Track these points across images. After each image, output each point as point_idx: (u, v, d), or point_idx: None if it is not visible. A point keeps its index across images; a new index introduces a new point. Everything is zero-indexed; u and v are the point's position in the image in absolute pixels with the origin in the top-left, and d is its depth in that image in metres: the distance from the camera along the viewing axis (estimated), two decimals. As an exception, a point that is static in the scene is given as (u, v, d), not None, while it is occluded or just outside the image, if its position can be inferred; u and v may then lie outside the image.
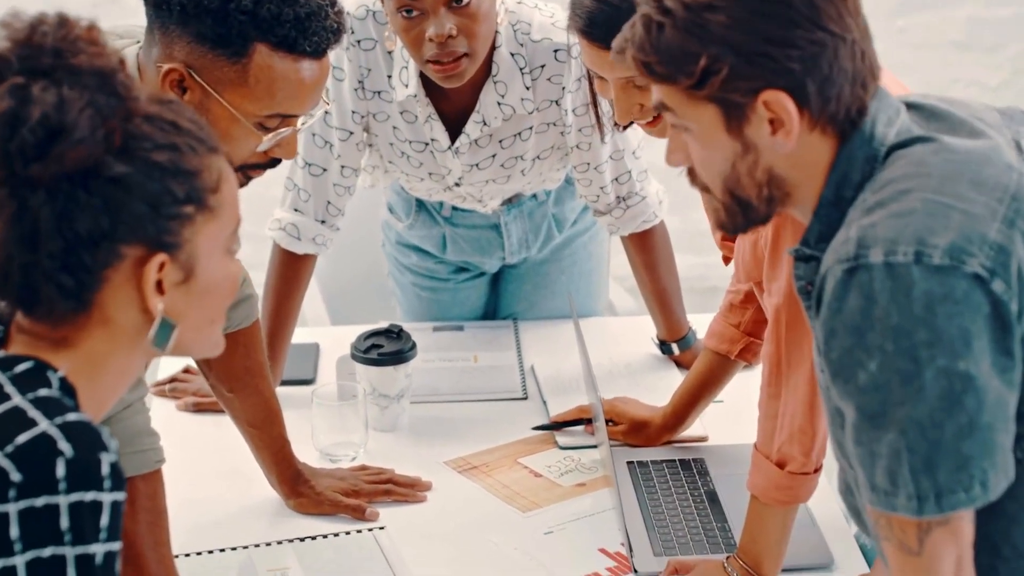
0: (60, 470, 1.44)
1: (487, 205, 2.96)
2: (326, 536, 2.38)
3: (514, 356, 2.98)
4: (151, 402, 2.73)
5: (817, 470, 2.16)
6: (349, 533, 2.39)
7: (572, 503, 2.49)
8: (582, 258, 3.12)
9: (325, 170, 2.78)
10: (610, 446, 2.47)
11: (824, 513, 2.39)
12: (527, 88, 2.71)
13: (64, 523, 1.44)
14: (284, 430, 2.45)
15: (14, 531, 1.43)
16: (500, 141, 2.79)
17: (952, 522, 1.60)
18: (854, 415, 1.61)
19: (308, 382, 2.86)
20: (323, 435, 2.60)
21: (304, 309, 2.97)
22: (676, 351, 2.94)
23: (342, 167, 2.78)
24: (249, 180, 2.05)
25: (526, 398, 2.83)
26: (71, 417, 1.47)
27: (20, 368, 1.52)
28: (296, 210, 2.80)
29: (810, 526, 2.36)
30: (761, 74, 1.63)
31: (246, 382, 2.39)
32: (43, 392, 1.50)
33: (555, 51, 2.69)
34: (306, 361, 2.94)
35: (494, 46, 2.67)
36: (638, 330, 3.04)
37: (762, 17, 1.62)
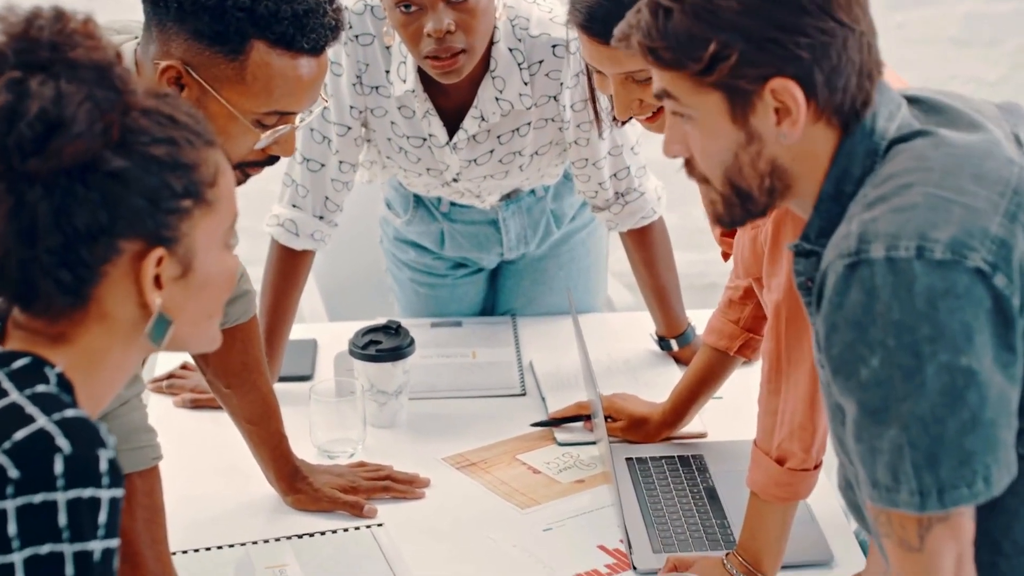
0: (58, 466, 1.43)
1: (485, 201, 2.95)
2: (324, 533, 2.38)
3: (512, 352, 2.97)
4: (148, 398, 2.73)
5: (817, 466, 2.16)
6: (347, 530, 2.39)
7: (571, 500, 2.48)
8: (580, 254, 3.11)
9: (323, 165, 2.77)
10: (609, 442, 2.46)
11: (824, 510, 2.38)
12: (525, 84, 2.71)
13: (62, 520, 1.43)
14: (282, 426, 2.45)
15: (12, 528, 1.43)
16: (498, 137, 2.78)
17: (953, 518, 1.60)
18: (855, 411, 1.61)
19: (306, 378, 2.86)
20: (321, 431, 2.59)
21: (302, 305, 2.96)
22: (675, 347, 2.93)
23: (340, 163, 2.77)
24: (247, 178, 2.05)
25: (524, 394, 2.83)
26: (69, 413, 1.47)
27: (17, 364, 1.52)
28: (294, 206, 2.79)
29: (810, 522, 2.35)
30: (770, 61, 1.63)
31: (244, 378, 2.39)
32: (41, 388, 1.50)
33: (553, 46, 2.69)
34: (304, 357, 2.93)
35: (492, 41, 2.66)
36: (637, 326, 3.04)
37: (773, 3, 1.62)
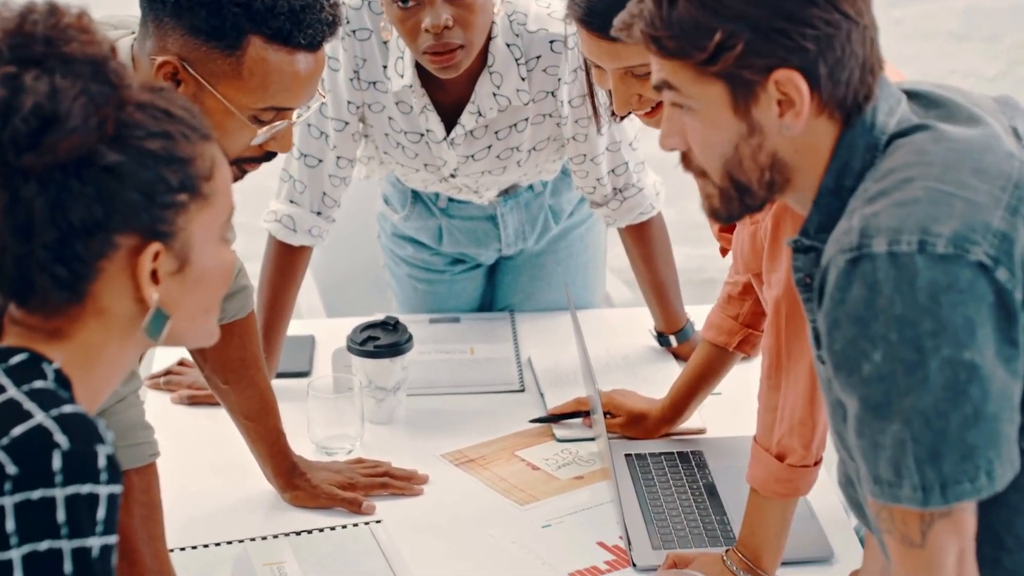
0: (56, 463, 1.43)
1: (483, 196, 2.95)
2: (322, 530, 2.37)
3: (511, 348, 2.97)
4: (145, 395, 2.72)
5: (817, 463, 2.15)
6: (345, 527, 2.38)
7: (570, 496, 2.48)
8: (579, 249, 3.11)
9: (321, 161, 2.76)
10: (608, 439, 2.46)
11: (824, 506, 2.38)
12: (523, 79, 2.70)
13: (61, 516, 1.43)
14: (280, 422, 2.44)
15: (10, 524, 1.42)
16: (496, 132, 2.77)
17: (955, 514, 1.59)
18: (857, 406, 1.60)
19: (304, 375, 2.85)
20: (319, 428, 2.59)
21: (299, 301, 2.96)
22: (674, 343, 2.93)
23: (338, 158, 2.77)
24: (244, 174, 2.05)
25: (523, 390, 2.82)
26: (67, 409, 1.46)
27: (15, 360, 1.51)
28: (292, 201, 2.79)
29: (810, 519, 2.35)
30: (775, 52, 1.62)
31: (241, 374, 2.38)
32: (38, 384, 1.49)
33: (551, 42, 2.68)
34: (302, 353, 2.92)
35: (490, 37, 2.66)
36: (635, 322, 3.03)
37: None
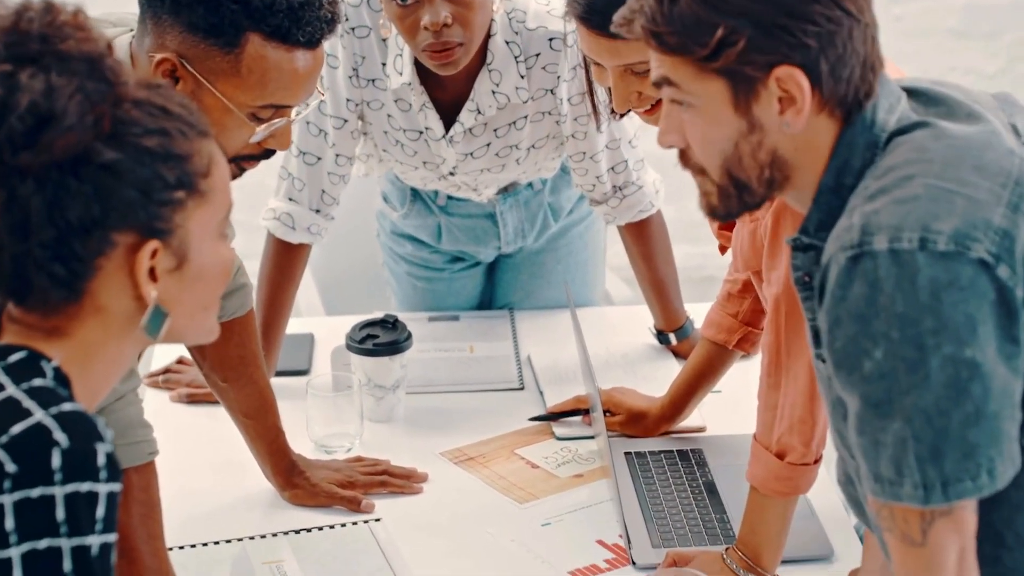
0: (56, 461, 1.43)
1: (482, 194, 2.94)
2: (321, 528, 2.37)
3: (510, 346, 2.96)
4: (144, 393, 2.72)
5: (817, 461, 2.15)
6: (345, 525, 2.38)
7: (569, 494, 2.47)
8: (578, 247, 3.10)
9: (320, 159, 2.76)
10: (608, 437, 2.46)
11: (824, 504, 2.37)
12: (522, 77, 2.70)
13: (60, 514, 1.43)
14: (279, 420, 2.44)
15: (9, 523, 1.42)
16: (495, 130, 2.77)
17: (956, 512, 1.59)
18: (858, 404, 1.60)
19: (303, 373, 2.85)
20: (318, 426, 2.58)
21: (298, 299, 2.95)
22: (674, 341, 2.92)
23: (336, 155, 2.76)
24: (243, 171, 2.05)
25: (523, 388, 2.82)
26: (66, 407, 1.46)
27: (13, 358, 1.51)
28: (290, 199, 2.78)
29: (810, 517, 2.34)
30: (777, 48, 1.61)
31: (240, 371, 2.38)
32: (37, 382, 1.49)
33: (550, 39, 2.68)
34: (301, 352, 2.92)
35: (489, 34, 2.65)
36: (635, 320, 3.03)
37: None
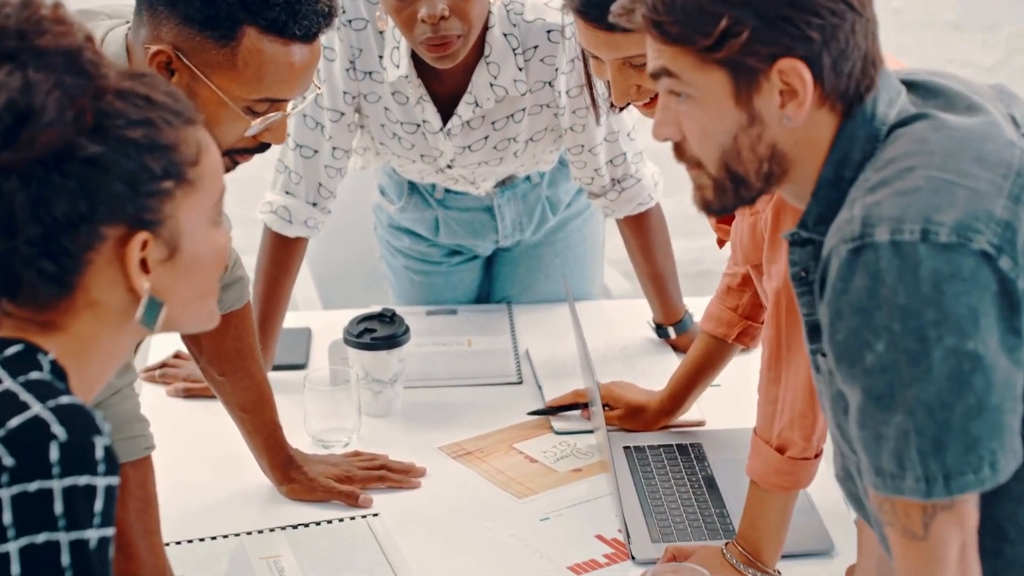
0: (54, 454, 1.42)
1: (480, 187, 2.94)
2: (319, 523, 2.37)
3: (508, 340, 2.96)
4: (141, 388, 2.71)
5: (818, 455, 2.15)
6: (342, 520, 2.37)
7: (568, 489, 2.47)
8: (576, 241, 3.10)
9: (316, 152, 2.75)
10: (607, 431, 2.45)
11: (824, 499, 2.37)
12: (520, 69, 2.69)
13: (58, 508, 1.42)
14: (276, 415, 2.43)
15: (7, 517, 1.41)
16: (492, 123, 2.76)
17: (957, 506, 1.58)
18: (860, 397, 1.59)
19: (300, 367, 2.84)
20: (315, 421, 2.58)
21: (295, 293, 2.95)
22: (672, 335, 2.92)
23: (333, 149, 2.75)
24: (237, 164, 2.04)
25: (521, 382, 2.81)
26: (64, 400, 1.45)
27: (10, 351, 1.50)
28: (287, 192, 2.77)
29: (810, 512, 2.34)
30: (781, 40, 1.61)
31: (237, 365, 2.37)
32: (34, 375, 1.48)
33: (548, 31, 2.67)
34: (298, 346, 2.91)
35: (487, 26, 2.64)
36: (634, 313, 3.02)
37: None
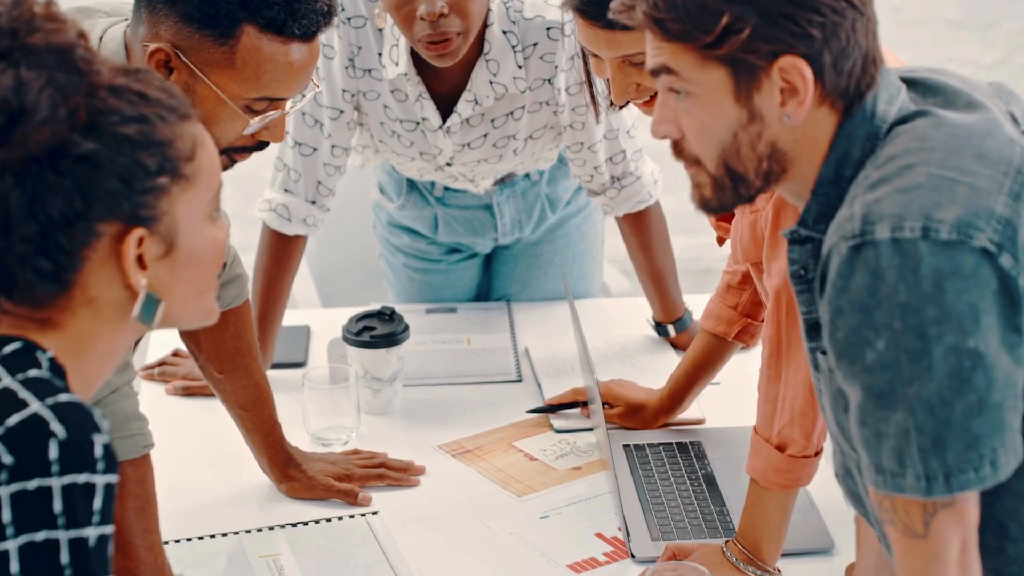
0: (53, 452, 1.42)
1: (479, 185, 2.93)
2: (318, 521, 2.36)
3: (508, 338, 2.95)
4: (139, 386, 2.71)
5: (818, 453, 2.14)
6: (341, 518, 2.37)
7: (568, 487, 2.47)
8: (576, 239, 3.10)
9: (315, 150, 2.74)
10: (606, 429, 2.44)
11: (824, 497, 2.36)
12: (519, 67, 2.68)
13: (57, 506, 1.42)
14: (275, 412, 2.42)
15: (6, 515, 1.41)
16: (492, 120, 2.76)
17: (958, 504, 1.58)
18: (860, 395, 1.59)
19: (299, 365, 2.84)
20: (314, 419, 2.57)
21: (294, 291, 2.94)
22: (672, 333, 2.91)
23: (332, 146, 2.75)
24: (235, 163, 2.04)
25: (520, 380, 2.81)
26: (63, 398, 1.45)
27: (9, 349, 1.50)
28: (286, 190, 2.77)
29: (810, 510, 2.34)
30: (782, 37, 1.60)
31: (236, 363, 2.36)
32: (33, 373, 1.48)
33: (548, 29, 2.67)
34: (297, 344, 2.91)
35: (486, 24, 2.64)
36: (633, 311, 3.02)
37: None
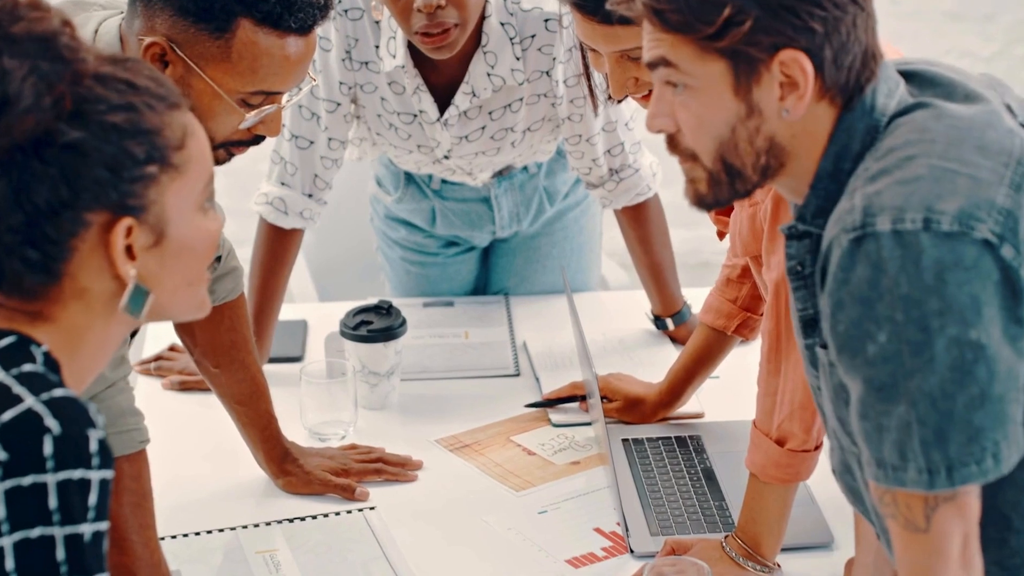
0: (47, 448, 1.41)
1: (477, 178, 2.92)
2: (315, 517, 2.35)
3: (506, 332, 2.95)
4: (135, 381, 2.70)
5: (818, 447, 2.14)
6: (339, 514, 2.36)
7: (566, 482, 2.46)
8: (574, 232, 3.09)
9: (312, 142, 2.74)
10: (605, 423, 2.44)
11: (824, 491, 2.35)
12: (517, 59, 2.68)
13: (52, 502, 1.41)
14: (271, 407, 2.42)
15: (1, 511, 1.40)
16: (490, 113, 2.75)
17: (960, 497, 1.57)
18: (862, 388, 1.58)
19: (296, 359, 2.83)
20: (311, 413, 2.56)
21: (291, 285, 2.94)
22: (671, 326, 2.91)
23: (329, 139, 2.74)
24: (231, 157, 2.04)
25: (518, 375, 2.80)
26: (57, 393, 1.44)
27: (3, 343, 1.49)
28: (283, 183, 2.76)
29: (810, 504, 2.33)
30: (783, 30, 1.60)
31: (232, 356, 2.36)
32: (27, 367, 1.47)
33: (546, 20, 2.66)
34: (294, 338, 2.90)
35: (484, 16, 2.63)
36: (632, 305, 3.02)
37: None
